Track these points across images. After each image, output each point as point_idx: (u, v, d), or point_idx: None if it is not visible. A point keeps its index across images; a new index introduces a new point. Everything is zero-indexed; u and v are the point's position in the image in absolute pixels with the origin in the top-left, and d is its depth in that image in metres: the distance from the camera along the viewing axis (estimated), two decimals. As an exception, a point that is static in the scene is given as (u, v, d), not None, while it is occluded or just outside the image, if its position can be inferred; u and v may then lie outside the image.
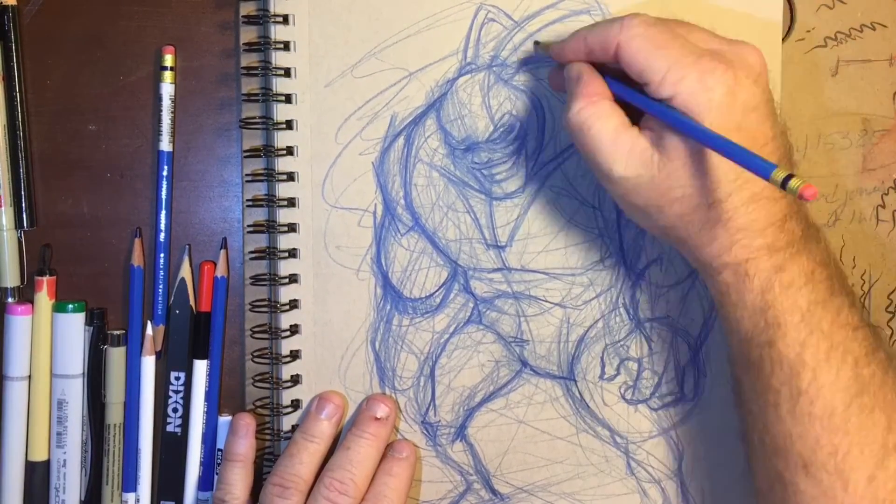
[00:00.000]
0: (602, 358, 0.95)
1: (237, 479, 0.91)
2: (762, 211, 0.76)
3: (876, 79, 0.97)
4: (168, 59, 0.92)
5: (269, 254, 0.92)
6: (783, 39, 0.94)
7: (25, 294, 0.93)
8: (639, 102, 0.77)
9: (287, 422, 0.93)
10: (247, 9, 0.91)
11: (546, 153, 0.92)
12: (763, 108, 0.76)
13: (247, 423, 0.93)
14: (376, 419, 0.91)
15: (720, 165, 0.74)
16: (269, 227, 0.92)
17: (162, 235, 0.93)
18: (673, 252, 0.93)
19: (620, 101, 0.79)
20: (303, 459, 0.89)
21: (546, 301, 0.94)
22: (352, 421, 0.94)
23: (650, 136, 0.76)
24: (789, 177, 0.64)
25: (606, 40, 0.78)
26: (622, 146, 0.76)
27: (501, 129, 0.92)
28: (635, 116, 0.78)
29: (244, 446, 0.92)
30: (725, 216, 0.75)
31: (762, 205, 0.76)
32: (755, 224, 0.76)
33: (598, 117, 0.77)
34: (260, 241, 0.93)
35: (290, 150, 0.91)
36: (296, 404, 0.93)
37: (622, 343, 0.95)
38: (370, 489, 0.90)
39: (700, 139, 0.73)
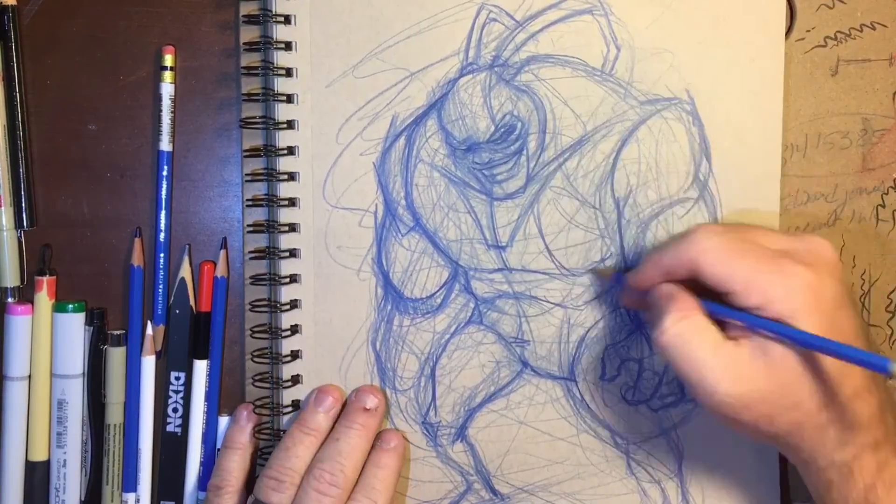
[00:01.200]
0: (603, 358, 0.95)
1: (234, 467, 0.91)
2: (864, 405, 0.76)
3: (876, 79, 0.97)
4: (168, 59, 0.92)
5: (270, 254, 0.92)
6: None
7: (25, 294, 0.93)
8: (730, 315, 0.78)
9: (287, 422, 0.93)
10: (248, 8, 0.91)
11: (547, 153, 0.92)
12: (847, 301, 0.77)
13: (249, 412, 0.93)
14: (365, 410, 0.91)
15: (825, 367, 0.75)
16: (270, 227, 0.92)
17: (162, 235, 0.93)
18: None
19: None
20: (298, 453, 0.88)
21: (547, 301, 0.94)
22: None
23: (750, 346, 0.76)
24: None
25: (682, 260, 0.79)
26: (724, 360, 0.76)
27: (502, 130, 0.92)
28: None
29: (244, 435, 0.92)
30: (835, 415, 0.76)
31: (864, 398, 0.76)
32: (861, 419, 0.76)
33: (696, 331, 0.77)
34: (260, 240, 0.92)
35: (291, 150, 0.91)
36: (296, 404, 0.93)
37: (623, 344, 0.95)
38: (359, 481, 0.89)
39: (805, 344, 0.73)
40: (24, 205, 0.92)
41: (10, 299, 0.92)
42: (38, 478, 0.94)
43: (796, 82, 0.95)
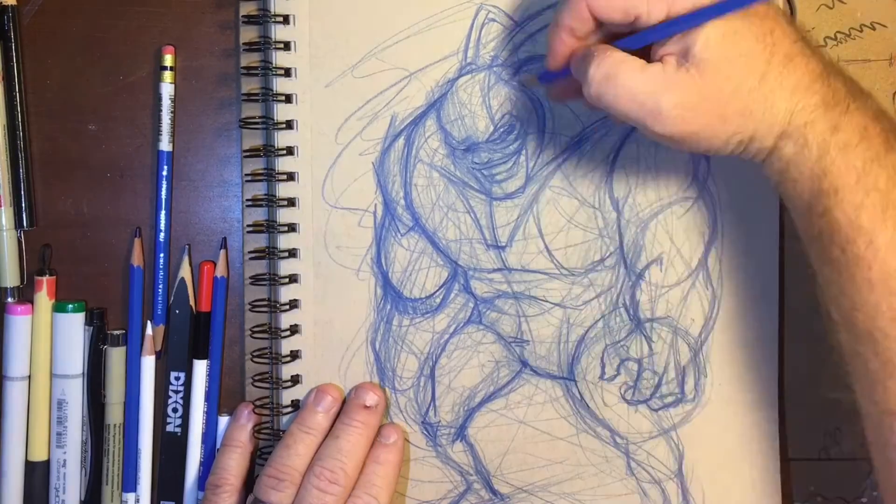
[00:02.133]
0: (602, 358, 0.95)
1: (233, 465, 0.91)
2: (801, 68, 0.74)
3: (876, 79, 0.96)
4: (168, 59, 0.92)
5: (269, 254, 0.92)
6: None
7: (25, 294, 0.93)
8: (646, 38, 0.76)
9: (287, 422, 0.93)
10: (247, 8, 0.91)
11: (546, 153, 0.92)
12: None
13: (249, 411, 0.93)
14: (366, 407, 0.91)
15: (750, 41, 0.74)
16: (269, 227, 0.92)
17: (162, 235, 0.93)
18: (673, 252, 0.93)
19: None
20: (298, 451, 0.88)
21: (546, 301, 0.94)
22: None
23: (672, 60, 0.74)
24: None
25: (576, 10, 0.77)
26: (655, 77, 0.74)
27: (502, 130, 0.92)
28: None
29: (244, 434, 0.92)
30: (776, 83, 0.74)
31: (798, 62, 0.74)
32: (802, 81, 0.74)
33: (618, 63, 0.74)
34: (260, 240, 0.92)
35: (290, 150, 0.91)
36: (296, 404, 0.93)
37: (622, 343, 0.95)
38: (360, 478, 0.89)
39: (714, 16, 0.72)
40: (24, 205, 0.92)
41: (10, 299, 0.92)
42: (37, 478, 0.94)
43: (796, 82, 0.95)
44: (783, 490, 0.97)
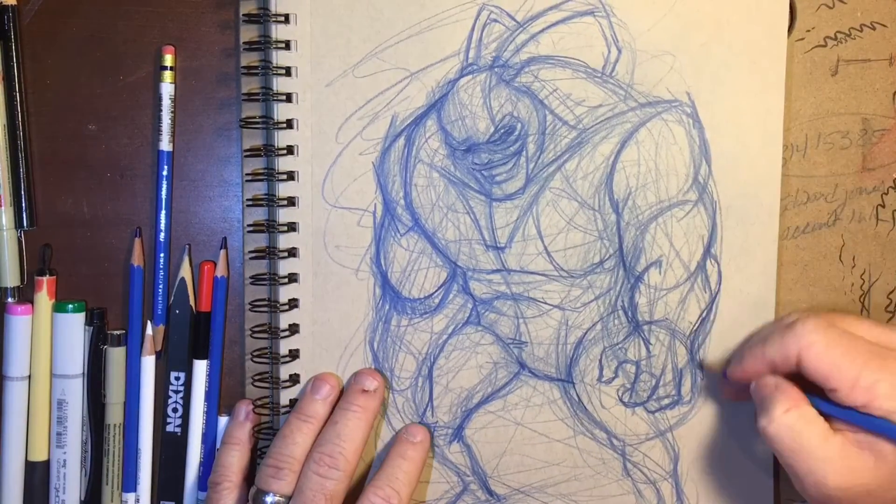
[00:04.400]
0: (600, 360, 0.95)
1: (232, 462, 0.91)
2: None
3: (876, 79, 0.96)
4: (168, 59, 0.92)
5: (269, 253, 0.92)
6: (783, 39, 0.94)
7: (25, 294, 0.93)
8: (834, 412, 0.79)
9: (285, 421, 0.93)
10: (248, 7, 0.91)
11: (546, 155, 0.92)
12: None
13: (248, 409, 0.93)
14: (364, 391, 0.91)
15: None
16: (269, 227, 0.92)
17: (162, 235, 0.93)
18: (672, 255, 0.93)
19: None
20: (296, 440, 0.88)
21: (545, 303, 0.94)
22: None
23: (856, 439, 0.78)
24: None
25: (786, 354, 0.80)
26: (834, 452, 0.77)
27: (502, 131, 0.92)
28: None
29: (243, 431, 0.92)
30: None
31: None
32: None
33: (806, 422, 0.78)
34: (260, 240, 0.92)
35: (290, 150, 0.91)
36: (294, 403, 0.93)
37: (620, 346, 0.95)
38: (382, 470, 0.89)
39: None
40: (24, 205, 0.92)
41: (10, 299, 0.92)
42: (38, 478, 0.94)
43: (796, 82, 0.95)
44: (783, 490, 0.97)
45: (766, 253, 0.94)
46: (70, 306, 0.93)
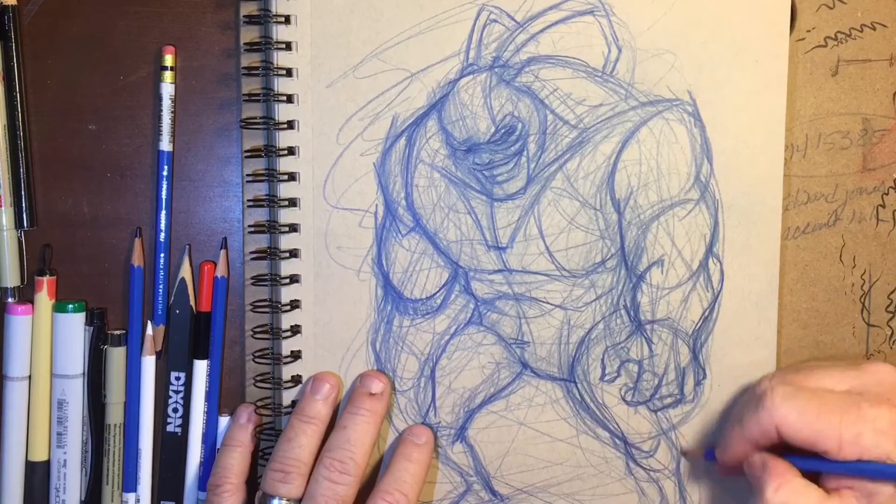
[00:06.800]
0: (602, 360, 0.95)
1: (233, 464, 0.91)
2: None
3: (876, 79, 0.97)
4: (168, 59, 0.92)
5: (271, 254, 0.92)
6: (783, 39, 0.94)
7: (25, 294, 0.93)
8: (827, 469, 0.80)
9: (287, 422, 0.93)
10: (248, 8, 0.91)
11: (547, 154, 0.92)
12: None
13: (250, 411, 0.93)
14: (371, 395, 0.91)
15: None
16: (271, 228, 0.92)
17: (162, 235, 0.93)
18: (674, 254, 0.93)
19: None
20: (301, 443, 0.88)
21: (547, 303, 0.94)
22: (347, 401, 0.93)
23: (853, 496, 0.79)
24: None
25: (763, 430, 0.82)
26: None
27: (503, 131, 0.92)
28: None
29: (244, 433, 0.92)
30: None
31: None
32: None
33: (799, 494, 0.79)
34: (261, 241, 0.92)
35: (291, 151, 0.91)
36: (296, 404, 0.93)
37: (623, 345, 0.95)
38: (388, 473, 0.89)
39: None
40: (24, 205, 0.92)
41: (10, 299, 0.92)
42: (38, 478, 0.94)
43: (796, 82, 0.95)
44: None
45: (769, 252, 0.94)
46: (70, 306, 0.93)
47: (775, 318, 0.95)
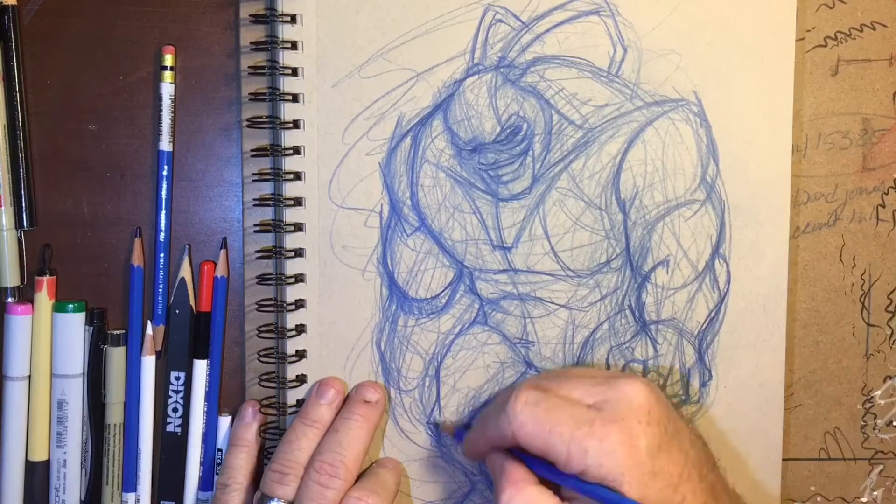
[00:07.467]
0: (607, 360, 0.95)
1: (242, 464, 0.91)
2: None
3: (876, 79, 0.97)
4: (168, 59, 0.92)
5: (276, 253, 0.92)
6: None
7: (25, 294, 0.93)
8: (559, 481, 0.79)
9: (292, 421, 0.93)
10: (254, 8, 0.91)
11: (552, 154, 0.92)
12: (666, 443, 0.79)
13: (255, 410, 0.93)
14: (366, 402, 0.91)
15: None
16: (276, 227, 0.91)
17: (162, 235, 0.93)
18: (680, 254, 0.94)
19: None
20: (301, 446, 0.88)
21: (552, 303, 0.94)
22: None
23: None
24: None
25: (503, 434, 0.81)
26: None
27: (508, 131, 0.92)
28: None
29: (250, 432, 0.92)
30: None
31: None
32: None
33: (532, 499, 0.78)
34: (266, 240, 0.92)
35: (296, 150, 0.90)
36: (301, 404, 0.93)
37: (627, 345, 0.95)
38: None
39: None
40: (24, 205, 0.91)
41: (10, 299, 0.92)
42: (38, 478, 0.94)
43: (796, 83, 0.95)
44: (783, 490, 0.98)
45: (777, 254, 0.94)
46: (70, 306, 0.92)
47: (784, 320, 0.95)
